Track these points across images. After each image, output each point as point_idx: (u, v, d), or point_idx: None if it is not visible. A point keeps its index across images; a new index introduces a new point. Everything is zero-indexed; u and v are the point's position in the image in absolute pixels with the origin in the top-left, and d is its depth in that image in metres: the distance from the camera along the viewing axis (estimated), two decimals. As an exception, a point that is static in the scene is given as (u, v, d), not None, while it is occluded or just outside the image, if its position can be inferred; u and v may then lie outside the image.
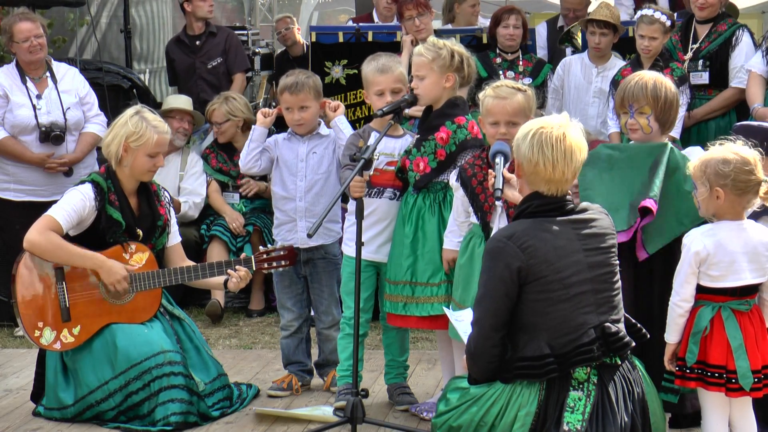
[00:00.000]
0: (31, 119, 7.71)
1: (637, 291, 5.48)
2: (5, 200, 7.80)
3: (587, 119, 7.72)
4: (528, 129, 4.75)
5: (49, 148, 7.74)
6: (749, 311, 4.94)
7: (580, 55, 8.19)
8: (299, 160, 6.35)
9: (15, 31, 7.68)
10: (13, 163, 7.76)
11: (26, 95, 7.73)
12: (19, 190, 7.79)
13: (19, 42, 7.68)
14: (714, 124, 7.68)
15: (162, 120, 6.19)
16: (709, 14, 7.65)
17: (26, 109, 7.71)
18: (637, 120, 5.54)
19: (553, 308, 4.66)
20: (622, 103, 5.59)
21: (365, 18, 10.12)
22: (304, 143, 6.36)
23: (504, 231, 4.80)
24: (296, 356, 6.49)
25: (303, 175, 6.34)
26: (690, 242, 4.92)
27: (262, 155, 6.39)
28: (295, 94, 6.30)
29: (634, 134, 5.61)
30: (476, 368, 4.77)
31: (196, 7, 9.47)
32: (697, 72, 7.65)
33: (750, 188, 4.87)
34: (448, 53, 5.80)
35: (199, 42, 9.47)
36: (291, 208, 6.36)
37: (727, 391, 4.89)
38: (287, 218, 6.39)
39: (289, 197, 6.36)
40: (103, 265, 5.95)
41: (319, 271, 6.38)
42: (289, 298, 6.45)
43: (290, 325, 6.46)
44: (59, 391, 6.00)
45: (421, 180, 5.84)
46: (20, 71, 7.76)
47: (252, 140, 6.37)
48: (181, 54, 9.58)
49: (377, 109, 5.87)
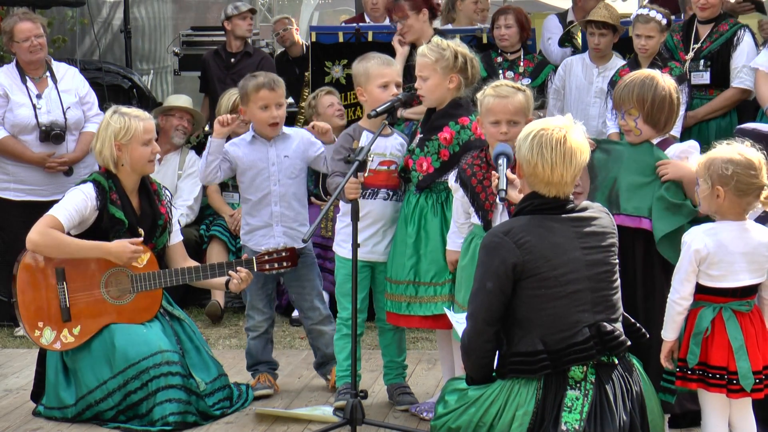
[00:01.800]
0: (32, 119, 7.70)
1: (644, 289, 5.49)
2: (5, 200, 7.80)
3: (588, 119, 7.72)
4: (529, 130, 4.75)
5: (49, 147, 7.73)
6: (750, 312, 4.94)
7: (581, 55, 8.19)
8: (270, 164, 6.30)
9: (15, 31, 7.69)
10: (13, 162, 7.76)
11: (26, 95, 7.73)
12: (19, 190, 7.79)
13: (19, 42, 7.68)
14: (715, 124, 7.68)
15: (140, 110, 6.20)
16: (711, 14, 7.65)
17: (26, 108, 7.71)
18: (627, 122, 5.55)
19: (548, 305, 4.66)
20: (616, 104, 5.61)
21: (357, 18, 10.14)
22: (272, 146, 6.30)
23: (501, 226, 4.80)
24: (264, 356, 6.48)
25: (276, 180, 6.30)
26: (691, 240, 4.92)
27: (221, 166, 6.27)
28: (274, 90, 6.26)
29: (627, 135, 5.62)
30: (470, 363, 4.78)
31: (236, 26, 9.64)
32: (699, 72, 7.64)
33: (751, 191, 4.86)
34: (452, 54, 5.78)
35: (234, 60, 9.58)
36: (266, 213, 6.32)
37: (728, 392, 4.89)
38: (262, 223, 6.34)
39: (265, 203, 6.32)
40: (109, 251, 5.94)
41: (298, 268, 6.31)
42: (261, 299, 6.42)
43: (259, 326, 6.43)
44: (60, 391, 6.00)
45: (424, 180, 5.83)
46: (20, 71, 7.77)
47: (209, 153, 6.22)
48: (216, 67, 9.68)
49: (371, 110, 5.82)
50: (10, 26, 7.72)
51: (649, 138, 5.54)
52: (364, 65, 6.05)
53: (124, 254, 5.95)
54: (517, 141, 4.80)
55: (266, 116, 6.27)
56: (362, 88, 6.05)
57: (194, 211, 8.58)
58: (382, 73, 5.99)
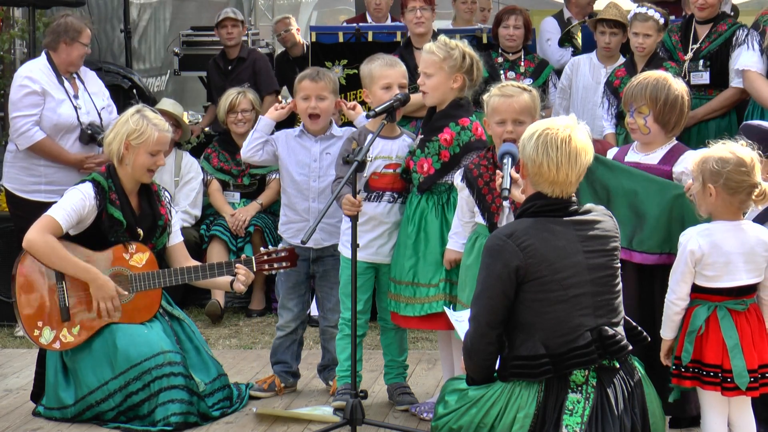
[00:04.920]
0: (74, 118, 7.63)
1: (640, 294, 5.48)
2: (36, 202, 7.54)
3: (595, 119, 7.69)
4: (534, 129, 4.75)
5: (87, 148, 7.68)
6: (746, 311, 4.95)
7: (589, 54, 8.17)
8: (312, 160, 6.30)
9: (84, 35, 7.63)
10: (46, 163, 7.66)
11: (65, 94, 7.68)
12: (50, 191, 7.58)
13: (84, 44, 7.64)
14: (714, 124, 7.66)
15: (162, 119, 6.20)
16: (709, 14, 7.64)
17: (68, 107, 7.63)
18: (636, 119, 5.55)
19: (549, 308, 4.66)
20: (626, 101, 5.60)
21: (359, 19, 10.14)
22: (317, 143, 6.31)
23: (504, 229, 4.80)
24: (284, 356, 6.47)
25: (317, 176, 6.30)
26: (686, 241, 4.94)
27: (265, 147, 6.32)
28: (316, 81, 6.25)
29: (633, 134, 5.62)
30: (472, 365, 4.78)
31: (221, 35, 9.69)
32: (698, 72, 7.63)
33: (742, 189, 4.88)
34: (460, 54, 5.78)
35: (231, 67, 9.57)
36: (304, 208, 6.33)
37: (723, 390, 4.90)
38: (299, 218, 6.35)
39: (303, 197, 6.33)
40: (96, 280, 5.93)
41: (329, 269, 6.34)
42: (292, 299, 6.43)
43: (287, 325, 6.44)
44: (60, 391, 6.01)
45: (425, 182, 5.84)
46: (55, 70, 7.69)
47: (256, 129, 6.32)
48: (216, 76, 9.71)
49: (369, 110, 5.83)
50: (80, 27, 7.64)
51: (656, 138, 5.54)
52: (369, 67, 6.08)
53: (103, 294, 5.91)
54: (522, 140, 4.80)
55: (305, 106, 6.28)
56: (367, 89, 6.09)
57: (195, 217, 8.54)
58: (385, 75, 6.01)
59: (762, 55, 7.29)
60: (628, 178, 5.49)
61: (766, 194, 4.89)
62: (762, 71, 7.28)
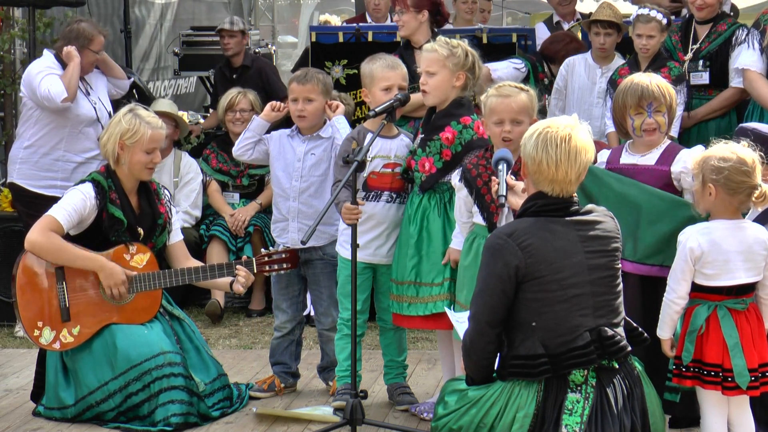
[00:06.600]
0: (92, 112, 7.69)
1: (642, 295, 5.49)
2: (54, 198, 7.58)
3: (592, 120, 7.68)
4: (535, 128, 4.77)
5: None
6: (746, 310, 4.96)
7: (584, 55, 8.17)
8: (296, 160, 6.33)
9: (96, 42, 7.66)
10: (64, 159, 7.70)
11: (80, 91, 7.68)
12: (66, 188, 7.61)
13: (95, 51, 7.66)
14: (714, 124, 7.67)
15: (156, 116, 6.20)
16: (708, 14, 7.64)
17: (86, 102, 7.69)
18: (656, 119, 5.56)
19: (549, 308, 4.66)
20: (639, 102, 5.58)
21: (358, 19, 10.14)
22: (304, 143, 6.34)
23: (505, 228, 4.80)
24: (282, 357, 6.48)
25: (299, 176, 6.33)
26: (685, 239, 4.96)
27: (257, 146, 6.39)
28: (303, 84, 6.30)
29: (650, 135, 5.61)
30: (471, 364, 4.79)
31: (222, 45, 9.65)
32: (698, 72, 7.64)
33: (742, 190, 4.89)
34: (463, 52, 5.80)
35: (236, 75, 9.54)
36: (285, 207, 6.36)
37: (724, 389, 4.91)
38: (281, 217, 6.40)
39: (284, 196, 6.36)
40: (104, 267, 5.95)
41: (318, 273, 6.36)
42: (285, 300, 6.44)
43: (283, 326, 6.45)
44: (60, 391, 6.01)
45: (427, 181, 5.84)
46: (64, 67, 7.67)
47: (249, 129, 6.40)
48: (221, 84, 9.67)
49: (370, 110, 5.85)
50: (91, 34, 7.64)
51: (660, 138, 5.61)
52: (370, 67, 6.08)
53: (112, 280, 5.94)
54: (523, 140, 4.81)
55: (293, 108, 6.34)
56: (367, 89, 6.10)
57: (196, 217, 8.54)
58: (385, 76, 6.01)
59: (762, 55, 7.30)
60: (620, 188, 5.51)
61: (767, 196, 4.90)
62: (762, 71, 7.29)
